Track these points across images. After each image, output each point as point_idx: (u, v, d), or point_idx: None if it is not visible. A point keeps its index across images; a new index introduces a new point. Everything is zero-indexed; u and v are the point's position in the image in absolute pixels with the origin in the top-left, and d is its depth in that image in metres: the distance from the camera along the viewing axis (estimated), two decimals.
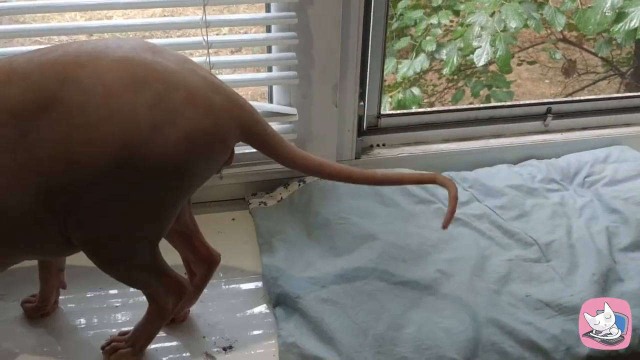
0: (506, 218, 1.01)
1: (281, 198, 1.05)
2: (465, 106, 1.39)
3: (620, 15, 1.67)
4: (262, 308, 0.86)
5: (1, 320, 0.83)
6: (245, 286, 0.91)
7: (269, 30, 0.99)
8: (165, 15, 1.74)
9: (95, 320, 0.84)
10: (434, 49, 1.92)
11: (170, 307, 0.74)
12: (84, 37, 1.11)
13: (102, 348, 0.77)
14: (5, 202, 0.60)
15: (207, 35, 0.90)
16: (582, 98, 1.30)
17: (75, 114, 0.57)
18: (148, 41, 0.66)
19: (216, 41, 0.91)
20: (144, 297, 0.75)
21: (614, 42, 1.97)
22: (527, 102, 1.25)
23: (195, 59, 0.93)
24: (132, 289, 0.82)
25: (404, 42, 1.95)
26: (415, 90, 1.89)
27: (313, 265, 0.90)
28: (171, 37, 1.67)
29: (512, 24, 1.75)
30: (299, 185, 1.06)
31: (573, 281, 0.88)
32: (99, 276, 0.71)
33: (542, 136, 1.22)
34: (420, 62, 1.91)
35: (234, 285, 0.91)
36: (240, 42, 1.02)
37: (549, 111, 1.23)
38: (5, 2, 0.88)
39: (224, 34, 1.12)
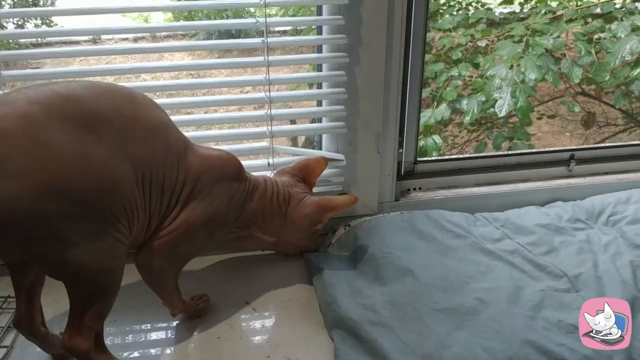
0: (536, 253, 1.10)
1: (330, 243, 1.14)
2: (494, 153, 1.50)
3: (638, 61, 1.77)
4: (318, 332, 0.95)
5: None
6: (301, 313, 1.00)
7: (320, 86, 1.13)
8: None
9: None
10: (454, 98, 2.04)
11: None
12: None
13: None
14: None
15: (269, 92, 1.03)
16: (603, 145, 1.40)
17: None
18: None
19: (277, 96, 1.05)
20: None
21: (632, 95, 2.07)
22: (552, 149, 1.36)
23: (259, 112, 1.08)
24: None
25: (424, 93, 2.07)
26: (436, 138, 2.00)
27: (362, 292, 0.99)
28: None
29: (531, 76, 1.86)
30: (345, 229, 1.16)
31: None
32: None
33: (567, 180, 1.33)
34: (441, 112, 2.02)
35: (292, 312, 1.01)
36: (298, 97, 1.16)
37: (572, 157, 1.34)
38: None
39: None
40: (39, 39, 2.31)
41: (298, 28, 1.74)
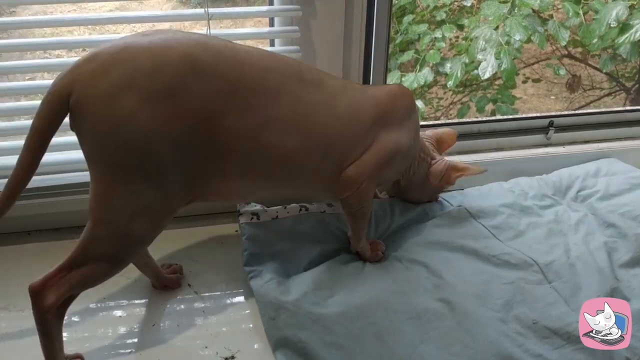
0: (502, 239, 1.00)
1: (277, 216, 1.00)
2: (468, 119, 1.40)
3: (624, 27, 1.68)
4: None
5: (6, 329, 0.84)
6: (249, 297, 0.91)
7: (272, 44, 1.01)
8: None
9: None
10: (437, 61, 1.94)
11: None
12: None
13: None
14: None
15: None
16: (584, 112, 1.30)
17: None
18: None
19: None
20: None
21: (618, 58, 1.98)
22: (530, 115, 1.26)
23: None
24: None
25: (407, 56, 1.97)
26: (419, 103, 1.90)
27: (311, 300, 0.85)
28: None
29: (517, 37, 1.76)
30: (300, 211, 1.02)
31: (578, 304, 0.86)
32: None
33: (545, 149, 1.23)
34: (424, 76, 1.92)
35: (238, 296, 0.92)
36: None
37: (551, 124, 1.24)
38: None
39: None
40: None
41: None
